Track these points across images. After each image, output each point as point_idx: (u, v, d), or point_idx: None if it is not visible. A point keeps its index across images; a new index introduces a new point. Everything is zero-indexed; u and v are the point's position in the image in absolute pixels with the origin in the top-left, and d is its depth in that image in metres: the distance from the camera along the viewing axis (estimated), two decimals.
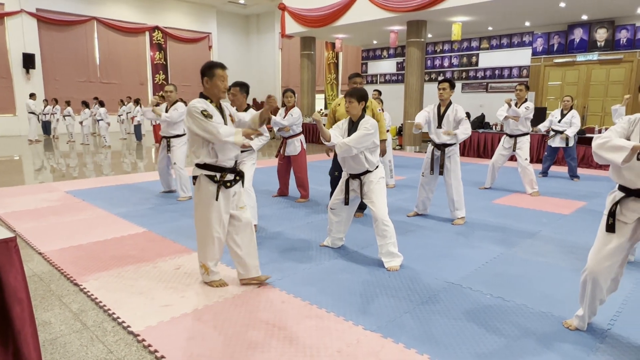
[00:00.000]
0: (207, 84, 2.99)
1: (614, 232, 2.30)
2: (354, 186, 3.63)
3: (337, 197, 3.75)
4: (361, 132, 3.42)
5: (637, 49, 10.62)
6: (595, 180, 7.52)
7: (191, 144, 3.00)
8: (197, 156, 2.97)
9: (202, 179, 2.96)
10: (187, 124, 2.90)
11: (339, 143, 3.43)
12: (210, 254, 3.08)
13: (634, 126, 2.27)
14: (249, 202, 4.36)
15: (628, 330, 2.55)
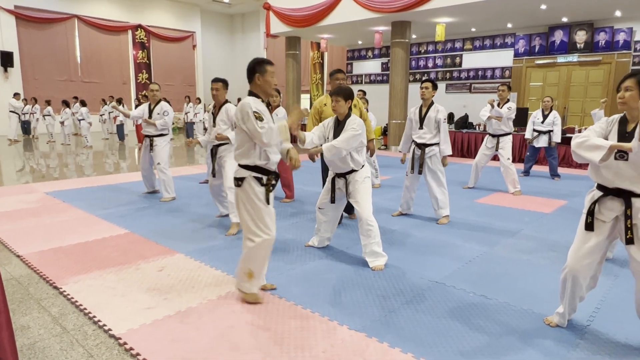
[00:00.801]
0: (259, 81, 2.80)
1: (593, 231, 2.35)
2: (339, 185, 3.63)
3: (324, 197, 3.75)
4: (349, 133, 3.41)
5: (615, 51, 10.86)
6: (575, 179, 7.67)
7: (241, 144, 2.78)
8: (246, 157, 2.77)
9: (252, 181, 2.77)
10: (239, 123, 2.72)
11: (327, 146, 3.37)
12: (264, 260, 2.88)
13: (611, 126, 2.32)
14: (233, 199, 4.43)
15: (606, 326, 2.60)
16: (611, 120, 2.34)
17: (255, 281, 2.88)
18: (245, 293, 2.90)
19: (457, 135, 10.81)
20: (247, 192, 2.77)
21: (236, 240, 4.19)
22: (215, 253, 3.84)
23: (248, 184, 2.77)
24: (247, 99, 2.76)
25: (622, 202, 2.25)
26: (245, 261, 2.85)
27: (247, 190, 2.78)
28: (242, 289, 2.91)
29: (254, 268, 2.84)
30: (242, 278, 2.88)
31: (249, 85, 2.85)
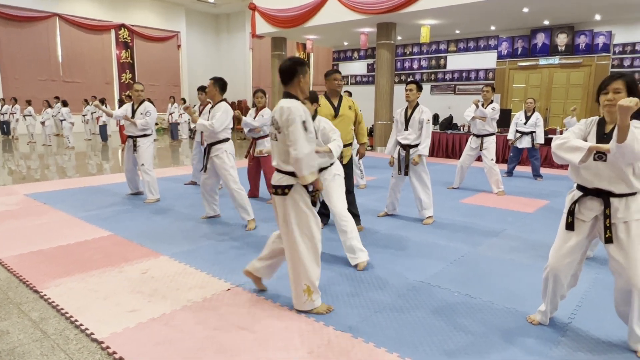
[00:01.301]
0: (302, 82, 2.69)
1: (573, 230, 2.39)
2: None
3: None
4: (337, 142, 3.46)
5: (595, 53, 11.09)
6: (557, 179, 7.81)
7: (286, 150, 2.62)
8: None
9: (300, 189, 2.66)
10: (286, 129, 2.56)
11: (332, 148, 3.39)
12: (317, 269, 2.73)
13: (590, 127, 2.37)
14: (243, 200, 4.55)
15: (587, 323, 2.66)
16: (590, 121, 2.39)
17: (315, 294, 2.73)
18: (312, 310, 2.73)
19: (442, 136, 10.91)
20: (296, 200, 2.65)
21: (222, 242, 4.16)
22: (201, 255, 3.81)
23: (296, 192, 2.65)
24: (295, 105, 2.58)
25: (601, 202, 2.30)
26: (297, 278, 2.70)
27: (295, 198, 2.65)
28: (306, 308, 2.73)
29: (309, 281, 2.70)
30: (302, 298, 2.71)
31: (285, 86, 2.71)
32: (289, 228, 2.68)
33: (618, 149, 2.06)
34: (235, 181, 4.55)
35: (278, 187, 2.68)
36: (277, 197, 2.70)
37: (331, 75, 4.34)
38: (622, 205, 2.25)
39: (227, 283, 3.21)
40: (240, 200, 4.54)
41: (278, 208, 2.73)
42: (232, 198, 4.57)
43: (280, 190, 2.67)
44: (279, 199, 2.69)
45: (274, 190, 2.70)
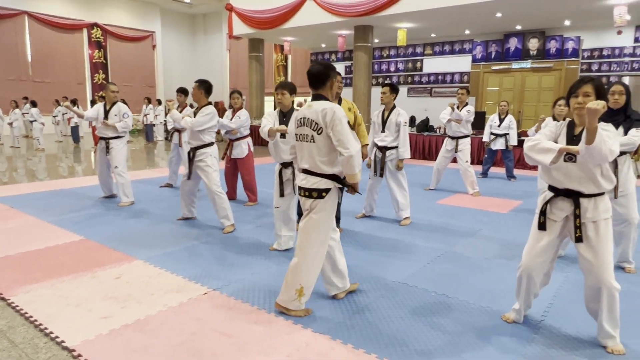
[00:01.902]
0: (334, 85, 2.77)
1: (545, 230, 2.45)
2: (287, 175, 3.64)
3: (276, 194, 3.78)
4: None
5: (565, 58, 11.44)
6: (530, 180, 8.00)
7: (327, 152, 2.61)
8: (333, 165, 2.64)
9: (337, 192, 2.68)
10: (331, 129, 2.55)
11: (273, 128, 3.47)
12: (317, 276, 2.75)
13: (560, 129, 2.43)
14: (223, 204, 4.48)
15: (559, 320, 2.73)
16: (560, 124, 2.46)
17: (304, 298, 2.72)
18: (294, 311, 2.73)
19: (419, 138, 11.05)
20: (328, 205, 2.65)
21: (198, 245, 4.10)
22: (177, 258, 3.74)
23: (334, 194, 2.67)
24: (333, 105, 2.62)
25: (572, 203, 2.36)
26: (296, 276, 2.68)
27: (328, 203, 2.65)
28: (289, 307, 2.72)
29: (306, 284, 2.70)
30: (291, 296, 2.70)
31: (315, 89, 2.73)
32: (309, 229, 2.68)
33: (587, 150, 2.13)
34: (217, 184, 4.49)
35: (313, 190, 2.64)
36: (309, 201, 2.67)
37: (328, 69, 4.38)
38: (591, 205, 2.32)
39: (204, 287, 3.17)
40: (221, 204, 4.49)
41: (308, 214, 2.70)
42: (213, 202, 4.50)
43: (316, 194, 2.63)
44: (311, 202, 2.66)
45: (307, 193, 2.66)
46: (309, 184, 2.67)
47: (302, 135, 2.70)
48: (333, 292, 2.96)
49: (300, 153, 2.76)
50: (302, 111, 2.74)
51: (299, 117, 2.74)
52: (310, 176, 2.67)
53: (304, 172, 2.72)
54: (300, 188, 2.73)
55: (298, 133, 2.74)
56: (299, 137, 2.74)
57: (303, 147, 2.71)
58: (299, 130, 2.73)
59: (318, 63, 2.77)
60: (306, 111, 2.68)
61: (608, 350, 2.38)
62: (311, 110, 2.65)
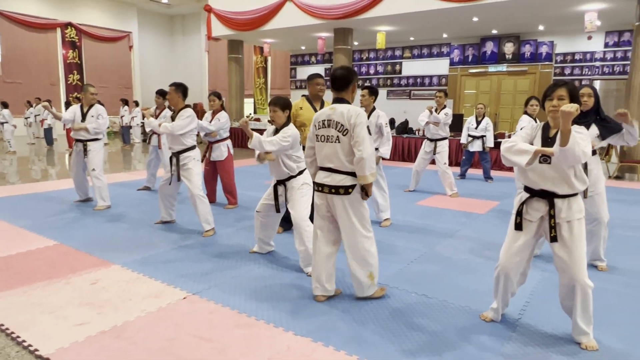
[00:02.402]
0: (355, 90, 2.91)
1: (522, 230, 2.50)
2: (280, 191, 3.61)
3: (265, 200, 3.69)
4: (279, 136, 3.40)
5: (539, 62, 11.74)
6: (507, 181, 8.17)
7: (350, 152, 2.78)
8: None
9: (359, 188, 2.84)
10: (352, 130, 2.72)
11: (254, 139, 3.32)
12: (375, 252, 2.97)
13: (536, 132, 2.49)
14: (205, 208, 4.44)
15: (535, 318, 2.79)
16: (536, 126, 2.52)
17: (376, 279, 2.97)
18: (373, 295, 2.99)
19: (398, 140, 11.16)
20: (357, 198, 2.83)
21: (177, 249, 4.04)
22: (155, 263, 3.68)
23: (357, 191, 2.83)
24: (357, 108, 2.80)
25: (546, 203, 2.42)
26: (362, 266, 2.90)
27: (357, 196, 2.83)
28: (370, 293, 2.98)
29: (373, 267, 2.92)
30: (366, 283, 2.93)
31: (338, 92, 2.88)
32: (351, 223, 2.85)
33: (561, 152, 2.18)
34: (199, 188, 4.44)
35: (340, 187, 2.80)
36: (337, 197, 2.81)
37: (313, 79, 4.33)
38: (565, 205, 2.39)
39: (183, 291, 3.12)
40: (203, 208, 4.44)
41: (337, 207, 2.85)
42: (195, 206, 4.44)
43: (342, 190, 2.80)
44: (339, 198, 2.81)
45: (334, 191, 2.82)
46: (334, 181, 2.82)
47: (326, 136, 2.83)
48: (317, 293, 2.99)
49: (322, 153, 2.88)
50: (324, 113, 2.86)
51: (320, 119, 2.86)
52: (335, 174, 2.83)
53: (327, 170, 2.86)
54: (323, 185, 2.87)
55: (320, 134, 2.87)
56: (320, 138, 2.87)
57: (326, 147, 2.84)
58: (322, 132, 2.85)
59: (341, 67, 2.92)
60: (330, 112, 2.82)
61: (582, 347, 2.45)
62: (336, 112, 2.79)
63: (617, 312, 2.90)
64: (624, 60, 10.81)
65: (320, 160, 2.93)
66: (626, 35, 10.78)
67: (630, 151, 8.70)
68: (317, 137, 2.89)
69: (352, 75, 2.88)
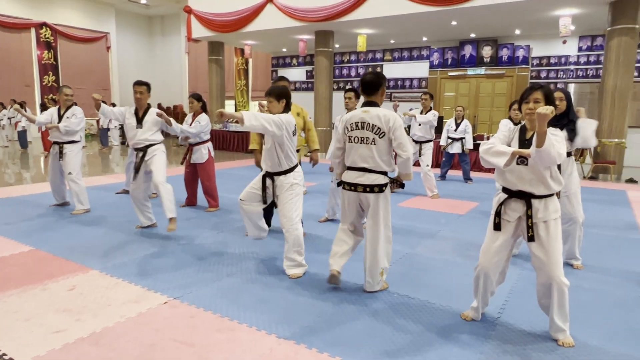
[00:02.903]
0: (384, 93, 3.09)
1: (500, 230, 2.56)
2: (268, 183, 3.51)
3: (251, 189, 3.50)
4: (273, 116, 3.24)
5: (516, 65, 12.00)
6: (486, 182, 8.31)
7: (386, 152, 2.99)
8: (390, 165, 3.04)
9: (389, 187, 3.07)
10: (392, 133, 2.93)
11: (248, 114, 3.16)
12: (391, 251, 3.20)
13: (513, 134, 2.55)
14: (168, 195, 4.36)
15: (514, 316, 2.84)
16: (513, 128, 2.58)
17: (386, 275, 3.22)
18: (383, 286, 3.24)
19: None
20: (387, 196, 3.04)
21: (157, 253, 3.98)
22: (135, 268, 3.62)
23: (388, 189, 3.04)
24: (392, 112, 3.01)
25: (524, 204, 2.48)
26: (377, 262, 3.08)
27: (387, 195, 3.04)
28: (377, 288, 3.18)
29: (385, 264, 3.14)
30: (376, 279, 3.14)
31: (369, 96, 3.03)
32: (377, 219, 3.03)
33: (537, 153, 2.24)
34: (164, 176, 4.47)
35: (375, 186, 2.98)
36: (372, 195, 3.00)
37: (278, 82, 4.40)
38: (541, 206, 2.45)
39: (164, 296, 3.08)
40: (167, 194, 4.38)
41: (371, 204, 3.03)
42: (158, 192, 4.41)
43: (377, 189, 2.98)
44: (374, 196, 3.00)
45: (368, 189, 2.99)
46: (368, 180, 2.99)
47: (361, 137, 2.98)
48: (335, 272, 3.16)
49: (355, 154, 3.01)
50: (356, 115, 3.00)
51: (353, 121, 3.00)
52: (369, 174, 2.99)
53: (360, 170, 3.00)
54: (356, 185, 3.01)
55: (354, 136, 3.00)
56: (354, 139, 3.00)
57: (360, 149, 2.99)
58: (356, 133, 2.99)
59: (371, 72, 3.05)
60: (364, 115, 2.97)
61: (559, 344, 2.51)
62: (370, 115, 2.96)
63: (592, 309, 2.98)
64: (597, 64, 11.14)
65: (352, 160, 3.04)
66: (599, 40, 11.11)
67: (603, 152, 8.96)
68: (350, 139, 3.02)
69: (382, 80, 3.04)
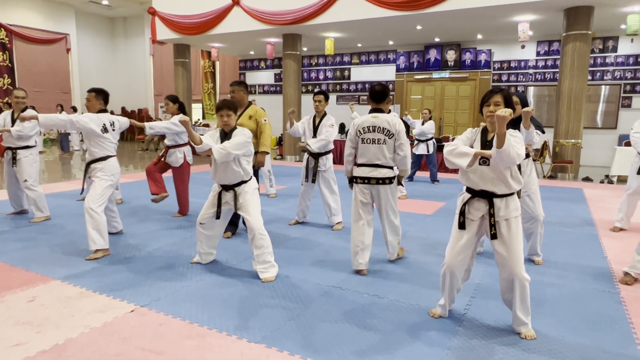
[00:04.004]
0: (390, 102, 3.74)
1: (465, 229, 2.64)
2: (227, 198, 3.52)
3: (207, 211, 3.60)
4: (239, 138, 3.35)
5: (479, 69, 12.37)
6: (452, 182, 8.52)
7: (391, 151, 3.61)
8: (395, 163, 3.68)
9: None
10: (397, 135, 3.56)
11: (217, 148, 3.26)
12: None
13: (475, 135, 2.64)
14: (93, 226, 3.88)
15: (479, 312, 2.93)
16: (475, 130, 2.67)
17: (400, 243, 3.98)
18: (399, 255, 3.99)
19: None
20: (394, 185, 3.69)
21: (123, 261, 3.88)
22: (99, 276, 3.51)
23: (394, 180, 3.67)
24: (396, 117, 3.67)
25: (487, 203, 2.57)
26: (396, 239, 3.87)
27: (394, 184, 3.69)
28: (397, 254, 3.95)
29: (400, 236, 3.92)
30: (396, 248, 3.92)
31: (378, 103, 3.64)
32: (390, 205, 3.72)
33: (497, 153, 2.33)
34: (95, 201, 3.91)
35: (386, 179, 3.62)
36: (382, 186, 3.63)
37: (232, 86, 4.62)
38: (503, 204, 2.54)
39: (131, 304, 3.00)
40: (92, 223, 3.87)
41: (381, 194, 3.66)
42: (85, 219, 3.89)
43: (388, 181, 3.62)
44: (384, 187, 3.64)
45: (381, 182, 3.62)
46: (380, 174, 3.61)
47: (373, 139, 3.58)
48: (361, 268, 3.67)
49: (368, 152, 3.60)
50: (368, 120, 3.59)
51: (365, 125, 3.58)
52: (381, 169, 3.61)
53: (373, 166, 3.61)
54: (369, 178, 3.62)
55: (367, 137, 3.59)
56: (367, 140, 3.59)
57: (372, 148, 3.58)
58: (368, 135, 3.58)
59: (379, 84, 3.68)
60: (374, 120, 3.57)
61: (522, 336, 2.61)
62: (380, 120, 3.56)
63: (552, 302, 3.11)
64: (554, 68, 11.63)
65: (365, 159, 3.62)
66: (555, 45, 11.61)
67: (561, 152, 9.36)
68: (363, 140, 3.60)
69: (388, 90, 3.66)
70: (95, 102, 4.18)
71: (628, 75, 11.08)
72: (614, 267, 3.88)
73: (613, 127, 11.29)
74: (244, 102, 4.61)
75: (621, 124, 11.04)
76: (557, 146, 9.38)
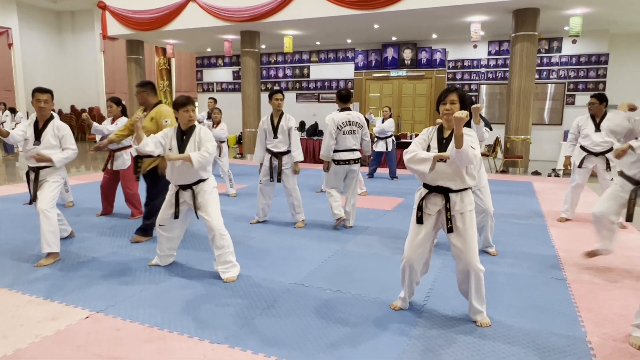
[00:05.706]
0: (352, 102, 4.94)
1: (422, 224, 2.72)
2: (185, 198, 3.46)
3: (166, 212, 3.52)
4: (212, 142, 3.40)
5: (434, 68, 12.72)
6: (410, 179, 8.73)
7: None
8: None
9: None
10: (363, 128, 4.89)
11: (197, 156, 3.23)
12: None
13: (431, 134, 2.72)
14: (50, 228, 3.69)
15: (438, 303, 3.03)
16: (430, 130, 2.75)
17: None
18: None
19: (309, 143, 11.37)
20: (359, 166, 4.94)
21: (75, 266, 3.71)
22: (50, 283, 3.34)
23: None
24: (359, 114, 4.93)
25: (443, 198, 2.66)
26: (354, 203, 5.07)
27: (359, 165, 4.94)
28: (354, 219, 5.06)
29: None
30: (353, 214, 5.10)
31: (345, 104, 4.86)
32: (356, 180, 4.97)
33: (457, 154, 2.42)
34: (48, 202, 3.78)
35: (357, 159, 4.85)
36: (355, 164, 4.84)
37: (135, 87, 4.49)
38: (458, 199, 2.64)
39: (85, 310, 2.89)
40: (46, 225, 3.71)
41: (352, 171, 4.86)
42: (40, 221, 3.72)
43: (358, 161, 4.87)
44: (356, 164, 4.85)
45: (353, 162, 4.82)
46: (354, 156, 4.83)
47: (350, 130, 4.78)
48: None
49: (344, 142, 4.76)
50: (343, 117, 4.74)
51: (344, 120, 4.74)
52: (354, 152, 4.84)
53: (350, 151, 4.80)
54: (347, 160, 4.79)
55: (346, 129, 4.75)
56: (346, 132, 4.75)
57: (349, 137, 4.78)
58: (347, 128, 4.75)
59: (345, 89, 4.56)
60: (348, 117, 4.77)
61: (477, 324, 2.72)
62: (352, 116, 4.80)
63: (505, 291, 3.26)
64: (505, 67, 12.14)
65: (344, 145, 4.76)
66: (505, 45, 12.12)
67: (512, 148, 9.80)
68: (343, 132, 4.72)
69: (351, 94, 4.95)
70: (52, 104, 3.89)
71: (571, 75, 11.74)
72: (560, 255, 4.12)
73: (559, 123, 11.94)
74: (149, 103, 4.31)
75: (566, 121, 11.69)
76: (508, 142, 9.81)
